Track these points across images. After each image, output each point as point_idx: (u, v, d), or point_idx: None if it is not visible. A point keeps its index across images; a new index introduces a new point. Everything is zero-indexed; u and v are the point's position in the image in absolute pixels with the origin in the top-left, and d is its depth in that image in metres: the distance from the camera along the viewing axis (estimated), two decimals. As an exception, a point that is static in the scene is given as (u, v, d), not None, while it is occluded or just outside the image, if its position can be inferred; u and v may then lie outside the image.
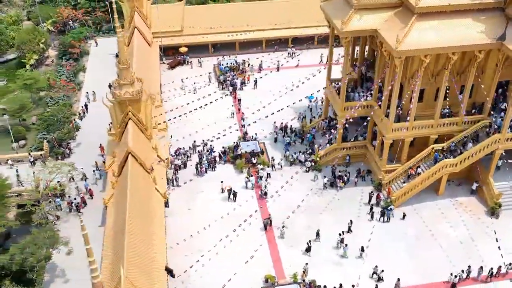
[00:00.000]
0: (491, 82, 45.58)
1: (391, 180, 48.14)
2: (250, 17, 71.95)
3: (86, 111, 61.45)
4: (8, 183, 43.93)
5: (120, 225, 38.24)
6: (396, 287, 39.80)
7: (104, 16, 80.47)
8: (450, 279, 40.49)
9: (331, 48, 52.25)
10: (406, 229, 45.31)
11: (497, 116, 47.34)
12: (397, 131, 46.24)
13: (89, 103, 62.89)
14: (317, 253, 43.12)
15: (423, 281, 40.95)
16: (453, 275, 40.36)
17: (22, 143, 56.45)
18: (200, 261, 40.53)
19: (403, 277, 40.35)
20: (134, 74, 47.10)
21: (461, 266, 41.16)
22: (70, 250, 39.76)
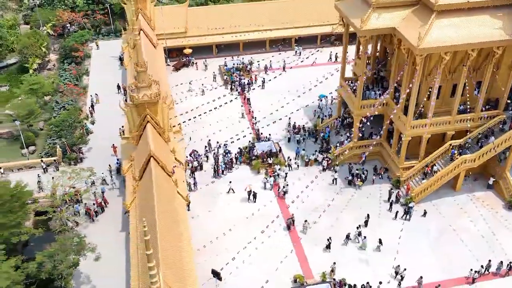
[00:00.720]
0: (506, 78, 46.15)
1: (410, 177, 48.47)
2: (253, 18, 71.90)
3: (93, 113, 60.77)
4: (28, 189, 43.08)
5: (150, 232, 37.82)
6: (419, 285, 40.03)
7: (104, 19, 79.55)
8: (470, 274, 40.88)
9: (345, 46, 52.43)
10: (428, 225, 45.60)
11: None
12: (416, 128, 46.61)
13: (95, 106, 62.33)
14: (341, 252, 43.21)
15: (448, 277, 41.21)
16: (473, 270, 40.73)
17: (32, 149, 55.52)
18: (229, 263, 40.27)
19: (427, 273, 40.69)
20: (151, 77, 46.65)
21: (485, 261, 41.61)
22: (98, 256, 39.17)
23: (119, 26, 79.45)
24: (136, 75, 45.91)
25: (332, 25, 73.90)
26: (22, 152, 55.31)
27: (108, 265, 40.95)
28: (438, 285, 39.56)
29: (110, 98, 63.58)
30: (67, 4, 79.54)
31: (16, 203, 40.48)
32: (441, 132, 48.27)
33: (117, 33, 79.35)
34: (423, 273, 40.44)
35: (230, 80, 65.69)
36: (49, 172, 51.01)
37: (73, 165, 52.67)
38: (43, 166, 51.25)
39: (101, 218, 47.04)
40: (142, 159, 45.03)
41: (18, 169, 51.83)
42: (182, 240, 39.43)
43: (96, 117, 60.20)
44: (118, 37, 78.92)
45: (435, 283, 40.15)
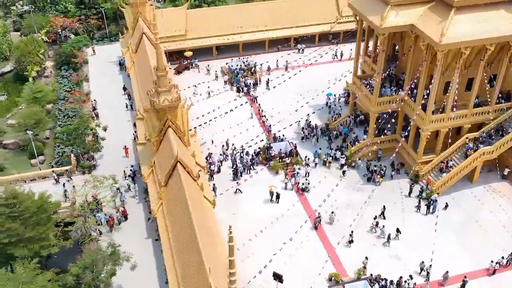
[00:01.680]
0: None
1: (428, 171, 49.18)
2: (252, 18, 71.84)
3: (95, 119, 59.70)
4: (56, 201, 42.01)
5: (187, 236, 37.39)
6: (445, 280, 40.53)
7: (98, 24, 78.19)
8: (491, 266, 41.59)
9: (359, 44, 52.89)
10: (451, 218, 46.25)
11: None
12: (435, 122, 47.35)
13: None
14: (370, 248, 43.53)
15: (475, 268, 41.94)
16: (493, 262, 41.42)
17: (42, 159, 54.15)
18: (263, 265, 40.03)
19: (455, 265, 41.29)
20: (171, 81, 46.11)
21: (509, 251, 42.57)
22: (134, 265, 38.45)
23: (114, 31, 78.26)
24: (156, 79, 45.36)
25: (330, 24, 74.59)
26: (31, 163, 53.91)
27: (140, 273, 40.20)
28: (465, 277, 40.22)
29: (114, 103, 62.58)
30: (59, 9, 77.84)
31: (43, 215, 39.42)
32: (456, 126, 49.17)
33: (112, 37, 78.11)
34: (451, 265, 41.04)
35: (235, 82, 65.43)
36: (63, 182, 49.86)
37: (87, 173, 51.68)
38: (55, 176, 49.92)
39: (124, 226, 46.18)
40: (166, 164, 44.52)
41: (31, 180, 50.44)
42: (218, 245, 39.20)
43: (102, 122, 59.04)
44: (112, 42, 77.74)
45: (462, 274, 40.80)
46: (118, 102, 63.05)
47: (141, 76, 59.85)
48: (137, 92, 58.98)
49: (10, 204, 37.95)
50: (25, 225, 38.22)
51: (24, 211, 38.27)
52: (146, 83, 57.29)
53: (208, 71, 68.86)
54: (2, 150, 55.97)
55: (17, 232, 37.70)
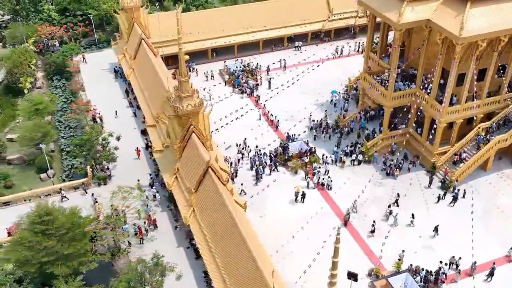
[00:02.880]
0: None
1: (445, 162, 50.36)
2: (247, 19, 71.55)
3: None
4: (89, 216, 40.65)
5: (234, 243, 36.97)
6: (473, 270, 41.24)
7: (85, 31, 76.11)
8: (509, 253, 42.80)
9: (370, 41, 53.55)
10: (471, 206, 47.39)
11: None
12: (451, 114, 48.54)
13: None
14: (401, 240, 44.13)
15: (503, 254, 43.21)
16: None
17: (51, 173, 52.29)
18: (301, 265, 39.94)
19: (482, 253, 42.14)
20: (192, 85, 45.45)
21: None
22: (179, 274, 37.67)
23: (103, 37, 76.38)
24: (178, 84, 44.63)
25: (322, 22, 75.24)
26: (41, 177, 51.98)
27: (180, 282, 39.39)
28: (493, 264, 41.32)
29: (117, 111, 61.05)
30: (43, 18, 75.32)
31: (77, 231, 38.11)
32: (469, 117, 50.62)
33: (100, 44, 76.20)
34: (478, 252, 41.69)
35: (237, 83, 65.10)
36: (78, 195, 48.54)
37: (103, 185, 50.36)
38: (62, 193, 48.36)
39: (152, 236, 45.01)
40: (194, 170, 43.94)
41: (46, 195, 48.73)
42: (260, 248, 38.95)
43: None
44: (101, 49, 75.83)
45: (491, 261, 41.88)
46: (121, 110, 61.52)
47: (145, 82, 58.75)
48: (143, 99, 57.84)
49: (45, 221, 36.54)
50: (61, 242, 36.89)
51: (59, 228, 36.93)
52: (152, 90, 56.37)
53: (207, 77, 67.91)
54: (7, 166, 53.69)
55: (55, 249, 36.34)
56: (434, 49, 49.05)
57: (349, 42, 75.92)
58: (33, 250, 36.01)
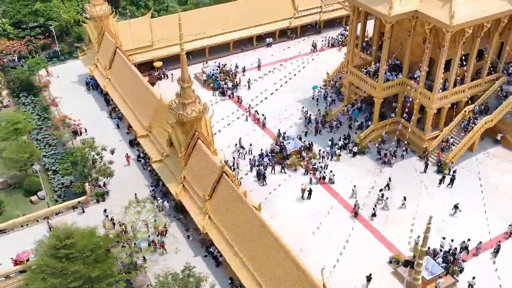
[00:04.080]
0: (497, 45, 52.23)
1: (436, 146, 52.31)
2: (214, 22, 70.83)
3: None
4: (107, 234, 38.88)
5: (267, 245, 36.70)
6: (478, 250, 42.82)
7: (47, 43, 72.61)
8: (509, 229, 44.82)
9: (354, 35, 54.62)
10: (468, 185, 49.14)
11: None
12: (440, 100, 50.50)
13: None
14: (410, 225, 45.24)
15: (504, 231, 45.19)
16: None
17: (42, 194, 49.64)
18: (328, 261, 40.28)
19: (486, 230, 43.34)
20: (194, 91, 44.60)
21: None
22: (212, 284, 36.90)
23: (65, 49, 73.20)
24: (180, 91, 43.64)
25: (289, 19, 75.89)
26: (31, 200, 49.27)
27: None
28: (499, 241, 43.22)
29: (98, 124, 58.73)
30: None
31: (99, 251, 36.46)
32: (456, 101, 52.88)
33: (62, 56, 72.98)
34: (483, 230, 43.31)
35: (216, 86, 64.46)
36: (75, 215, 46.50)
37: (101, 201, 48.45)
38: (46, 218, 46.15)
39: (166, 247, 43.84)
40: (205, 177, 43.24)
41: (44, 218, 46.23)
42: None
43: None
44: (64, 61, 72.64)
45: (496, 238, 43.77)
46: (101, 123, 59.27)
47: (128, 92, 56.92)
48: (128, 110, 56.08)
49: (67, 245, 34.72)
50: (87, 264, 35.18)
51: (82, 250, 35.21)
52: (139, 99, 54.75)
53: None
54: (-9, 192, 50.51)
55: (82, 273, 34.62)
56: (417, 39, 50.87)
57: (316, 37, 77.04)
58: (59, 277, 34.14)
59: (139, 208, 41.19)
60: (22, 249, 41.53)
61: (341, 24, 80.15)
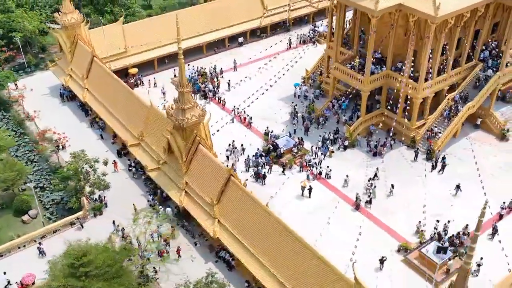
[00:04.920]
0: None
1: (423, 134, 53.91)
2: (188, 24, 69.77)
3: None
4: (122, 248, 37.56)
5: (286, 244, 36.73)
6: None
7: (12, 55, 69.48)
8: (500, 210, 46.46)
9: (338, 31, 55.35)
10: (458, 171, 50.91)
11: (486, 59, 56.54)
12: (425, 89, 52.07)
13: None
14: (414, 213, 46.43)
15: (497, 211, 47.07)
16: (505, 203, 46.53)
17: (34, 213, 47.56)
18: (338, 255, 40.57)
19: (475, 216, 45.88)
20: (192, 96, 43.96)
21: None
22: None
23: (32, 61, 70.30)
24: (178, 96, 42.87)
25: (259, 19, 76.04)
26: (23, 219, 47.12)
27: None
28: (495, 223, 44.95)
29: (79, 137, 56.71)
30: None
31: (117, 266, 35.40)
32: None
33: (29, 68, 70.02)
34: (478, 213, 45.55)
35: (196, 89, 63.75)
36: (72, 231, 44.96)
37: (99, 215, 46.97)
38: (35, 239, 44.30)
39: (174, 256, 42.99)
40: (210, 181, 42.77)
41: (42, 237, 44.31)
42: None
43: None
44: (31, 73, 69.69)
45: (490, 220, 45.42)
46: (83, 135, 57.29)
47: (112, 101, 55.27)
48: (113, 120, 54.48)
49: (85, 263, 33.53)
50: (107, 281, 34.08)
51: (101, 267, 34.08)
52: (126, 108, 53.33)
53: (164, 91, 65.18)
54: (-23, 215, 47.88)
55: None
56: (398, 32, 52.25)
57: (286, 35, 77.62)
58: (81, 296, 32.94)
59: (148, 218, 40.11)
60: (26, 272, 39.79)
61: (309, 22, 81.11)
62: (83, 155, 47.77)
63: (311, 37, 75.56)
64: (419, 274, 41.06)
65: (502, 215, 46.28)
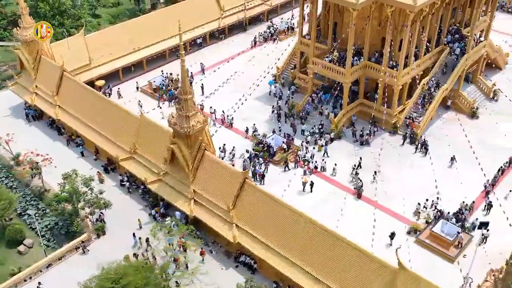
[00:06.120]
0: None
1: (404, 119, 56.15)
2: (146, 33, 68.04)
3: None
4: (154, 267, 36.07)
5: (316, 240, 37.07)
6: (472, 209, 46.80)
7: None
8: (485, 187, 49.00)
9: (315, 26, 56.20)
10: (441, 152, 53.55)
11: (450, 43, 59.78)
12: (404, 76, 54.25)
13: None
14: (412, 196, 48.12)
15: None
16: (489, 180, 48.96)
17: (30, 242, 44.62)
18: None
19: (472, 191, 48.50)
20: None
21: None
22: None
23: (-17, 80, 65.71)
24: (181, 104, 41.81)
25: (217, 20, 75.57)
26: (19, 250, 44.06)
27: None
28: (487, 198, 47.35)
29: (57, 155, 53.72)
30: None
31: (154, 282, 34.21)
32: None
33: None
34: (470, 191, 48.22)
35: (169, 96, 62.35)
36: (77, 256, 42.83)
37: (103, 235, 44.95)
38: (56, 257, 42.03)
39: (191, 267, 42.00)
40: (224, 187, 42.17)
41: (48, 266, 41.70)
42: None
43: (57, 177, 49.60)
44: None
45: (481, 196, 48.32)
46: (61, 154, 54.29)
47: (92, 116, 52.74)
48: (96, 134, 52.12)
49: (124, 286, 32.12)
50: (148, 300, 32.86)
51: (138, 286, 32.78)
52: (111, 122, 51.12)
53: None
54: (-34, 251, 44.17)
55: (145, 311, 32.28)
56: (372, 23, 53.96)
57: (245, 34, 77.86)
58: (126, 320, 31.49)
59: (169, 229, 38.90)
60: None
61: (263, 20, 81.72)
62: (75, 175, 45.36)
63: (272, 34, 76.16)
64: (434, 253, 42.83)
65: (489, 191, 48.83)
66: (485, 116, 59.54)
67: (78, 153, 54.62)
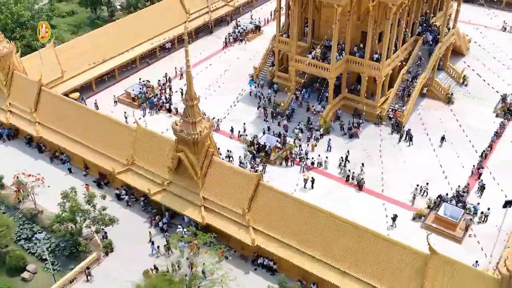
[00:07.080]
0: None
1: (388, 110, 57.77)
2: (115, 41, 66.25)
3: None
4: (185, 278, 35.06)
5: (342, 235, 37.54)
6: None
7: None
8: (477, 165, 51.23)
9: (298, 25, 56.58)
10: (427, 139, 54.97)
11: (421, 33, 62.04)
12: (386, 67, 55.79)
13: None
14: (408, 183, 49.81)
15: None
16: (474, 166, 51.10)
17: (33, 268, 42.35)
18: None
19: (462, 174, 50.56)
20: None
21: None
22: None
23: None
24: (187, 110, 41.02)
25: (184, 24, 74.53)
26: (23, 277, 41.70)
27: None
28: (481, 180, 49.18)
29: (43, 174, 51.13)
30: None
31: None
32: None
33: None
34: (459, 174, 50.15)
35: (150, 103, 60.90)
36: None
37: (111, 252, 43.40)
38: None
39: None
40: (236, 191, 41.84)
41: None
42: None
43: (49, 197, 47.59)
44: None
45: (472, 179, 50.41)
46: (47, 173, 51.41)
47: (81, 130, 50.62)
48: (85, 149, 50.13)
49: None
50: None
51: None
52: (103, 134, 49.31)
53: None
54: (-36, 284, 41.32)
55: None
56: (352, 18, 55.15)
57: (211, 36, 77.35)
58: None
59: (196, 242, 38.07)
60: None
61: (227, 21, 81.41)
62: (74, 193, 43.59)
63: (240, 34, 76.01)
64: (441, 235, 44.38)
65: (481, 173, 50.91)
66: (460, 101, 62.11)
67: (65, 170, 52.37)
